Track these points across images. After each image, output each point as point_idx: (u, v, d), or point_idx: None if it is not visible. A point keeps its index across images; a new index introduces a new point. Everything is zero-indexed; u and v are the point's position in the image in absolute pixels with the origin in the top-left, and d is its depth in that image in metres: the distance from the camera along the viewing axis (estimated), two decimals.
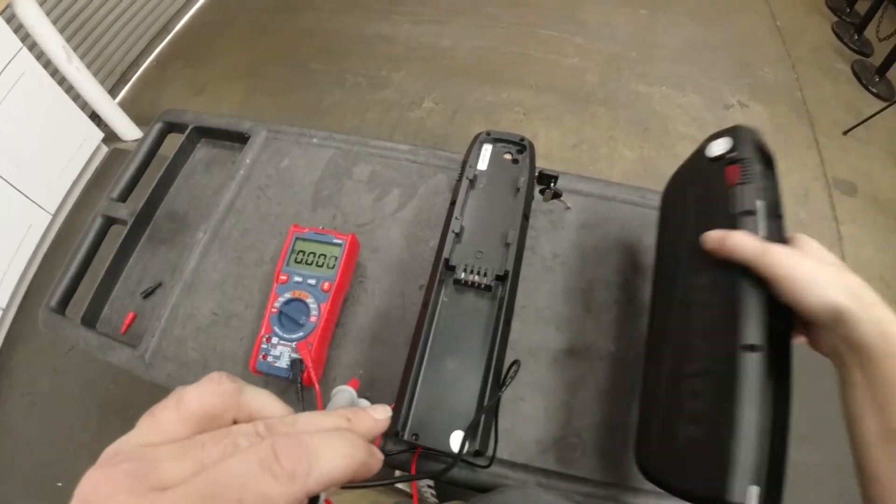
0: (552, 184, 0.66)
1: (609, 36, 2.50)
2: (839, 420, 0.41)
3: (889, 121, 2.20)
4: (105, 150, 1.99)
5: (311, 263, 0.62)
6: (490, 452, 0.52)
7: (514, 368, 0.51)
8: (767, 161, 0.49)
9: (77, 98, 1.87)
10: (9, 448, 1.53)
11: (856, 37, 2.64)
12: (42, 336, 1.62)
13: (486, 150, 0.62)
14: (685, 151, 0.56)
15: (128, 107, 2.08)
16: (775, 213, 0.46)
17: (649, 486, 0.49)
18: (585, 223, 0.72)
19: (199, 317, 0.69)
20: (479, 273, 0.53)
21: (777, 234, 0.44)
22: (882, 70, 2.42)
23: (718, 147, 0.50)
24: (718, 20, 2.65)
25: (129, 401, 1.56)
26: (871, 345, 0.38)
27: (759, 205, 0.45)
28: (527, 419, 0.59)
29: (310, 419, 0.25)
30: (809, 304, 0.39)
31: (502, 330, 0.50)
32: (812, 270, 0.40)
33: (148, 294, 0.73)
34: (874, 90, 2.40)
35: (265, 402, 0.26)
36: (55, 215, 1.77)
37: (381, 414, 0.28)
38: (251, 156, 0.80)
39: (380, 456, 0.25)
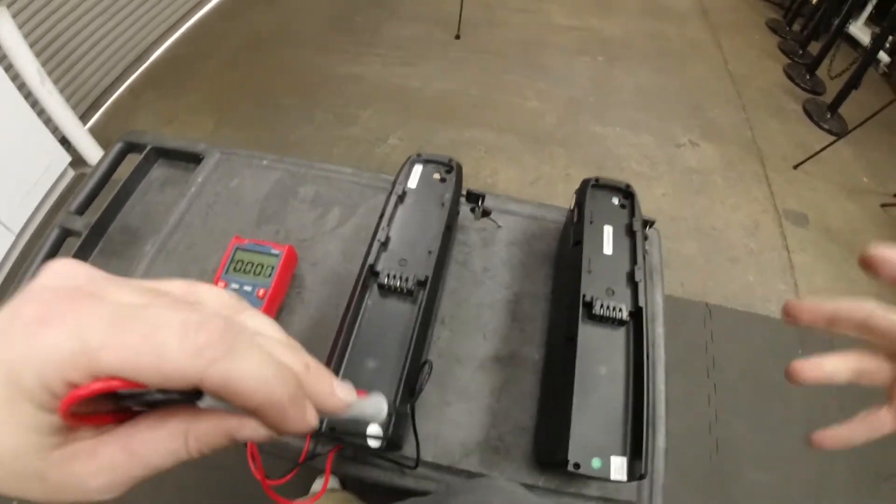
0: (480, 201, 0.72)
1: (569, 81, 2.65)
2: None
3: (840, 154, 2.34)
4: (72, 174, 1.99)
5: (249, 272, 0.65)
6: (414, 454, 0.54)
7: (425, 368, 0.54)
8: (626, 193, 0.67)
9: (48, 121, 1.89)
10: None
11: (808, 77, 2.82)
12: None
13: (417, 170, 0.67)
14: (637, 187, 0.67)
15: (98, 133, 2.10)
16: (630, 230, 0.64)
17: (570, 487, 0.55)
18: (514, 241, 0.77)
19: None
20: (401, 279, 0.56)
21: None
22: (834, 106, 2.55)
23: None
24: (673, 67, 2.83)
25: None
26: None
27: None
28: (451, 422, 0.62)
29: (269, 330, 0.24)
30: None
31: (419, 331, 0.54)
32: None
33: None
34: (826, 126, 2.54)
35: (262, 322, 0.25)
36: (19, 235, 1.75)
37: (341, 391, 0.25)
38: (203, 175, 0.84)
39: (309, 420, 0.23)
